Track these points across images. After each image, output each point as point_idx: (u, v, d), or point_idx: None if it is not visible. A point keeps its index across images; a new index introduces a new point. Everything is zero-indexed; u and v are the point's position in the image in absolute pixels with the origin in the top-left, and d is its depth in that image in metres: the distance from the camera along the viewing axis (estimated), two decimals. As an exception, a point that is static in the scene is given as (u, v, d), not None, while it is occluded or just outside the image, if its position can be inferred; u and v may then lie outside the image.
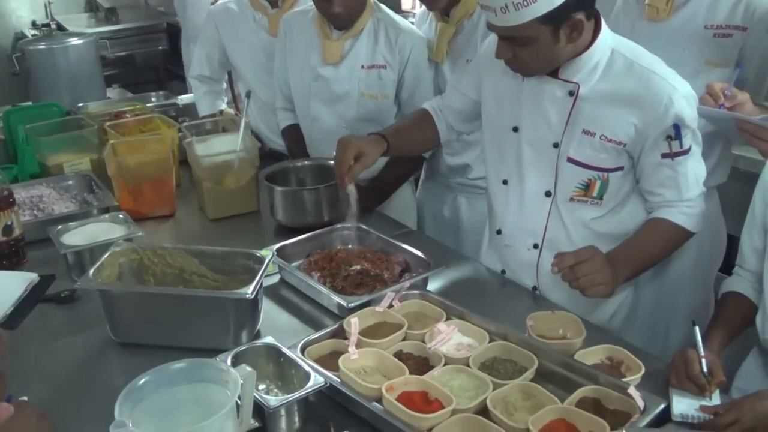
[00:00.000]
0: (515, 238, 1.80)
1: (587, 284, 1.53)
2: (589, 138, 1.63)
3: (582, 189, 1.68)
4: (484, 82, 1.83)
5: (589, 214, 1.70)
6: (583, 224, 1.71)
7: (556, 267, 1.54)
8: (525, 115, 1.70)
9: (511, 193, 1.79)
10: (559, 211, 1.72)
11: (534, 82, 1.67)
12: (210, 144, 2.30)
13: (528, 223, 1.77)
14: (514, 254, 1.82)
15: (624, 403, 1.29)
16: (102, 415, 1.14)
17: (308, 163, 2.31)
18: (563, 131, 1.65)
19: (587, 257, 1.54)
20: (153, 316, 1.55)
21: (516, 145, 1.74)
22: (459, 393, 1.32)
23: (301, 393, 1.28)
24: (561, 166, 1.68)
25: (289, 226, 2.11)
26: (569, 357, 1.41)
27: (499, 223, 1.84)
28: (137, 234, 1.89)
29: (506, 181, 1.79)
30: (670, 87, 1.57)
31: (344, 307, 1.60)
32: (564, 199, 1.70)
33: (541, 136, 1.68)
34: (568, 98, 1.63)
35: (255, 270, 1.58)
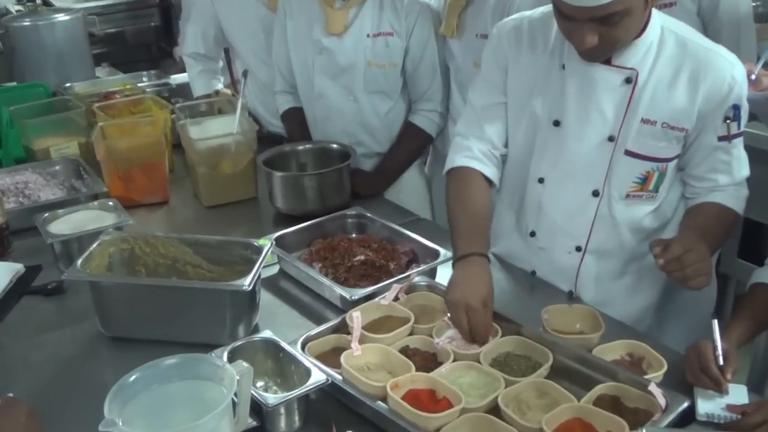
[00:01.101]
0: (553, 241, 1.74)
1: (694, 274, 1.43)
2: (650, 127, 1.58)
3: (639, 183, 1.63)
4: (508, 67, 1.73)
5: (644, 209, 1.66)
6: (636, 221, 1.67)
7: (660, 258, 1.43)
8: (571, 107, 1.63)
9: (549, 193, 1.71)
10: (611, 210, 1.66)
11: (581, 70, 1.60)
12: (205, 126, 2.30)
13: (570, 225, 1.70)
14: (551, 257, 1.76)
15: (645, 401, 1.29)
16: (91, 414, 1.15)
17: (310, 146, 2.31)
18: (621, 123, 1.60)
19: (692, 245, 1.44)
20: (145, 309, 1.55)
21: (557, 141, 1.67)
22: (468, 391, 1.32)
23: (302, 390, 1.28)
24: (616, 161, 1.62)
25: (289, 214, 2.11)
26: (586, 352, 1.41)
27: (533, 224, 1.77)
28: (128, 222, 1.90)
29: (542, 180, 1.72)
30: (730, 64, 1.54)
31: (347, 299, 1.60)
32: (619, 196, 1.65)
33: (594, 130, 1.62)
34: (625, 86, 1.58)
35: (253, 260, 1.58)
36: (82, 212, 1.97)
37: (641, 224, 1.68)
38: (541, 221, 1.75)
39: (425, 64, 2.30)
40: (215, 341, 1.45)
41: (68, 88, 3.03)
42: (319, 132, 2.45)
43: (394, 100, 2.36)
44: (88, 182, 2.25)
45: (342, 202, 2.13)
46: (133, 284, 1.59)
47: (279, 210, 2.15)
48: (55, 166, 2.33)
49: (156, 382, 1.18)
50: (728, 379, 1.31)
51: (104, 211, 1.97)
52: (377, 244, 1.85)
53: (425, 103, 2.36)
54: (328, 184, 2.10)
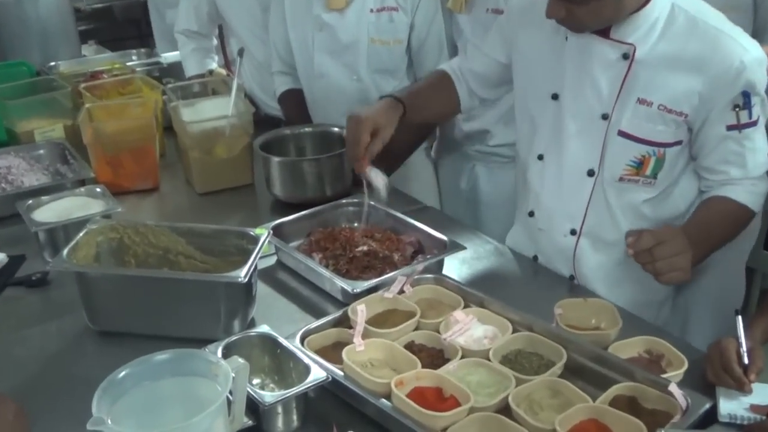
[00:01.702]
0: (550, 222, 1.78)
1: (665, 268, 1.48)
2: (645, 108, 1.60)
3: (634, 167, 1.65)
4: (516, 42, 1.79)
5: (641, 195, 1.68)
6: (633, 208, 1.69)
7: (631, 248, 1.49)
8: (568, 80, 1.67)
9: (548, 170, 1.76)
10: (605, 193, 1.69)
11: (580, 42, 1.63)
12: (198, 108, 2.30)
13: (566, 205, 1.74)
14: (549, 239, 1.80)
15: (664, 402, 1.29)
16: (78, 411, 1.15)
17: (309, 129, 2.31)
18: (615, 100, 1.62)
19: (667, 238, 1.49)
20: (134, 302, 1.56)
21: (555, 115, 1.71)
22: (477, 389, 1.33)
23: (300, 388, 1.29)
24: (610, 141, 1.64)
25: (288, 202, 2.12)
26: (602, 350, 1.41)
27: (533, 203, 1.82)
28: (116, 210, 1.90)
29: (542, 156, 1.76)
30: (741, 48, 1.53)
31: (349, 292, 1.61)
32: (612, 178, 1.67)
33: (588, 105, 1.65)
34: (621, 62, 1.59)
35: (249, 251, 1.58)
36: (67, 199, 1.97)
37: (640, 212, 1.69)
38: (540, 200, 1.80)
39: (431, 40, 2.30)
40: (209, 336, 1.45)
41: (53, 67, 3.03)
42: (320, 114, 2.45)
43: (399, 79, 2.36)
44: (75, 167, 2.25)
45: (343, 189, 2.13)
46: (122, 275, 1.59)
47: (277, 197, 2.15)
48: (40, 150, 2.33)
49: (147, 379, 1.18)
50: (752, 379, 1.31)
51: (91, 198, 1.98)
52: (381, 234, 1.85)
53: (432, 83, 2.35)
54: (329, 170, 2.10)
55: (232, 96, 2.25)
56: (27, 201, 1.93)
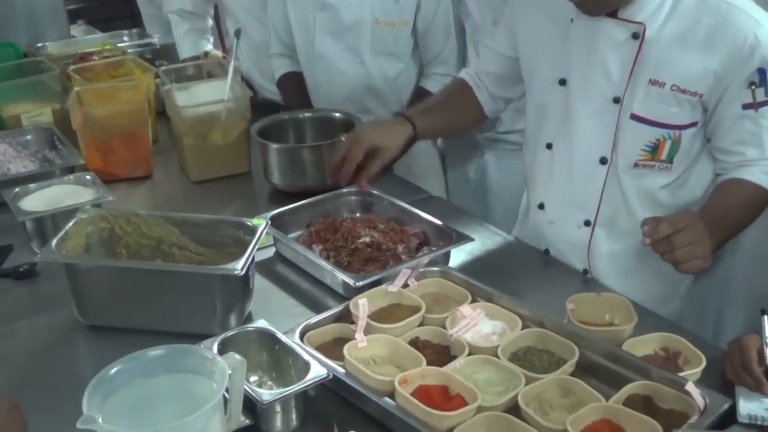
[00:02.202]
0: (561, 214, 1.79)
1: (685, 257, 1.47)
2: (658, 89, 1.60)
3: (649, 152, 1.65)
4: (519, 30, 1.80)
5: (657, 181, 1.68)
6: (649, 195, 1.70)
7: (648, 237, 1.49)
8: (575, 64, 1.67)
9: (557, 160, 1.76)
10: (619, 181, 1.69)
11: (587, 23, 1.63)
12: (193, 92, 2.30)
13: (578, 196, 1.75)
14: (561, 232, 1.80)
15: (681, 401, 1.29)
16: (67, 409, 1.16)
17: (309, 115, 2.31)
18: (626, 83, 1.62)
19: (685, 225, 1.48)
20: (126, 295, 1.56)
21: (563, 102, 1.71)
22: (485, 388, 1.33)
23: (300, 386, 1.29)
24: (623, 126, 1.65)
25: (286, 191, 2.12)
26: (616, 347, 1.41)
27: (542, 195, 1.83)
28: (107, 198, 1.90)
29: (550, 145, 1.77)
30: (755, 23, 1.53)
31: (350, 286, 1.61)
32: (626, 165, 1.67)
33: (598, 89, 1.65)
34: (631, 42, 1.59)
35: (246, 242, 1.59)
36: (56, 187, 1.97)
37: (657, 199, 1.69)
38: (550, 192, 1.80)
39: (438, 22, 2.29)
40: (204, 331, 1.46)
41: (40, 49, 3.03)
42: (321, 99, 2.45)
43: (405, 62, 2.36)
44: (63, 153, 2.25)
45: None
46: (113, 267, 1.59)
47: (275, 186, 2.15)
48: (27, 136, 2.33)
49: (139, 376, 1.18)
50: None
51: (81, 186, 1.98)
52: (384, 225, 1.85)
53: (438, 66, 2.36)
54: (331, 158, 2.10)
55: (228, 79, 2.25)
56: (14, 189, 1.94)
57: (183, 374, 1.20)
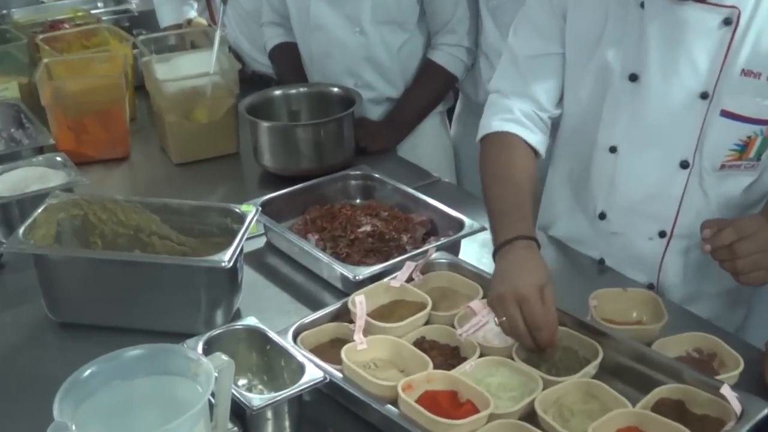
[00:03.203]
0: (629, 225, 1.73)
1: (748, 267, 1.45)
2: (753, 80, 1.55)
3: (738, 151, 1.61)
4: (571, 17, 1.70)
5: (742, 182, 1.65)
6: (731, 196, 1.66)
7: (708, 244, 1.46)
8: (653, 58, 1.60)
9: (625, 165, 1.69)
10: (702, 186, 1.65)
11: (664, 8, 1.56)
12: (175, 64, 2.30)
13: (652, 205, 1.69)
14: (627, 244, 1.75)
15: (715, 406, 1.29)
16: (36, 416, 1.16)
17: (304, 89, 2.31)
18: (717, 75, 1.57)
19: (751, 232, 1.44)
20: (101, 290, 1.56)
21: (635, 100, 1.64)
22: (499, 393, 1.33)
23: (293, 391, 1.29)
24: (711, 124, 1.60)
25: (279, 174, 2.12)
26: (645, 347, 1.41)
27: (603, 204, 1.76)
28: (80, 182, 1.90)
29: (615, 149, 1.69)
30: None
31: (350, 280, 1.61)
32: (713, 167, 1.63)
33: (682, 85, 1.59)
34: (723, 29, 1.54)
35: (233, 231, 1.59)
36: (23, 169, 1.97)
37: (737, 200, 1.66)
38: (614, 200, 1.73)
39: None
40: (188, 329, 1.46)
41: (6, 16, 3.02)
42: (317, 72, 2.44)
43: (409, 31, 2.35)
44: (31, 132, 2.25)
45: (344, 159, 2.13)
46: (86, 259, 1.60)
47: (266, 169, 2.15)
48: (-10, 113, 2.34)
49: (116, 378, 1.19)
50: None
51: (51, 169, 1.98)
52: (387, 212, 1.85)
53: (448, 35, 2.35)
54: (327, 137, 2.10)
55: (214, 50, 2.24)
56: (-24, 172, 1.94)
57: (164, 377, 1.20)
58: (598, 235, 1.80)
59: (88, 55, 2.47)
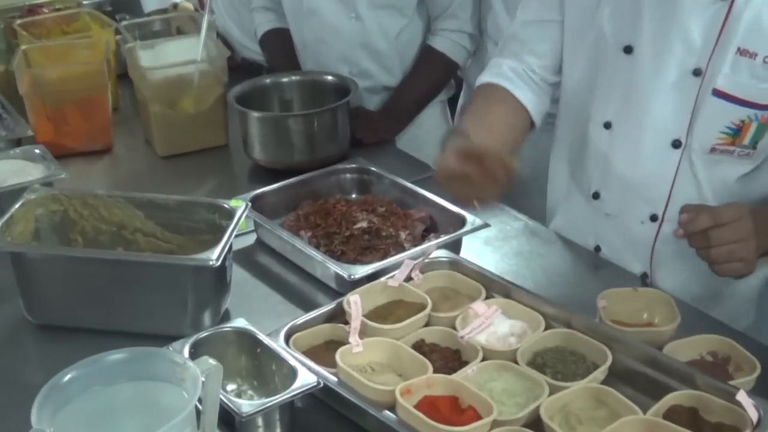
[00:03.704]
0: (623, 207, 1.76)
1: (722, 257, 1.49)
2: (748, 60, 1.56)
3: (730, 135, 1.62)
4: None
5: (736, 170, 1.66)
6: (725, 185, 1.67)
7: (682, 229, 1.50)
8: (647, 29, 1.62)
9: (618, 143, 1.72)
10: (692, 169, 1.67)
11: None
12: (160, 51, 2.30)
13: (644, 185, 1.71)
14: (620, 227, 1.77)
15: (731, 413, 1.29)
16: (13, 422, 1.16)
17: (297, 78, 2.31)
18: (711, 52, 1.58)
19: (729, 219, 1.48)
20: (82, 290, 1.56)
21: (629, 74, 1.67)
22: (502, 399, 1.34)
23: (285, 396, 1.30)
24: (703, 103, 1.61)
25: (270, 168, 2.12)
26: (656, 350, 1.41)
27: (597, 183, 1.79)
28: (60, 176, 1.90)
29: (609, 125, 1.73)
30: None
31: (345, 279, 1.61)
32: (702, 149, 1.64)
33: (675, 59, 1.61)
34: (719, 4, 1.55)
35: (222, 227, 1.59)
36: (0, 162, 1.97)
37: (733, 189, 1.67)
38: (608, 179, 1.76)
39: None
40: (173, 331, 1.46)
41: (-20, 0, 3.02)
42: (310, 59, 2.44)
43: (408, 17, 2.35)
44: (8, 123, 2.24)
45: (339, 151, 2.13)
46: (66, 257, 1.60)
47: (256, 162, 2.16)
48: (-35, 103, 2.34)
49: (98, 384, 1.19)
50: None
51: (29, 162, 1.98)
52: (385, 208, 1.85)
53: (449, 20, 2.35)
54: (321, 129, 2.10)
55: (201, 36, 2.24)
56: (-50, 165, 1.94)
57: (148, 382, 1.20)
58: (594, 218, 1.82)
59: (69, 41, 2.46)
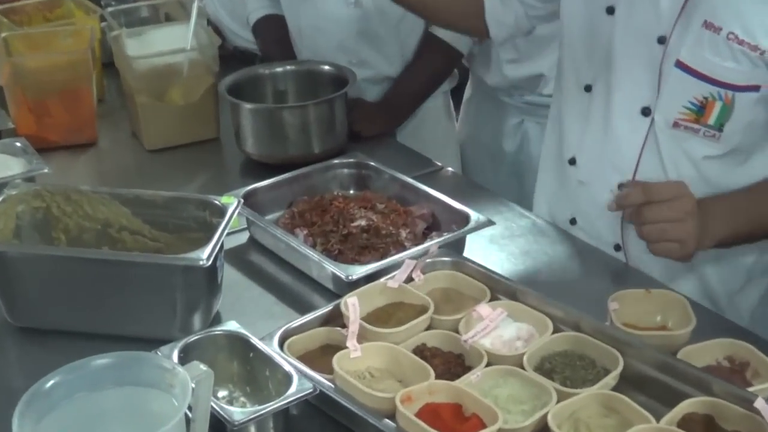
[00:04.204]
0: (595, 173, 1.82)
1: (653, 235, 1.56)
2: (711, 35, 1.60)
3: (693, 111, 1.66)
4: None
5: (700, 150, 1.69)
6: (691, 163, 1.71)
7: (615, 202, 1.57)
8: None
9: (595, 106, 1.79)
10: (657, 141, 1.71)
11: None
12: (147, 39, 2.30)
13: (614, 152, 1.77)
14: (591, 196, 1.83)
15: (748, 422, 1.30)
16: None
17: (292, 67, 2.31)
18: (675, 21, 1.63)
19: (666, 197, 1.55)
20: (65, 291, 1.56)
21: (608, 33, 1.73)
22: (508, 406, 1.34)
23: (279, 403, 1.30)
24: (666, 73, 1.66)
25: (263, 162, 2.12)
26: (670, 355, 1.42)
27: (574, 148, 1.86)
28: (42, 171, 1.90)
29: (589, 88, 1.80)
30: None
31: (342, 280, 1.61)
32: (665, 122, 1.69)
33: (643, 24, 1.67)
34: None
35: (213, 225, 1.59)
36: (-22, 157, 1.97)
37: (699, 168, 1.70)
38: (584, 144, 1.83)
39: None
40: (162, 335, 1.46)
41: (-42, -15, 3.01)
42: (306, 48, 2.44)
43: None
44: (-13, 115, 2.25)
45: (336, 145, 2.13)
46: (49, 256, 1.60)
47: (249, 156, 2.16)
48: (-59, 93, 2.33)
49: (82, 389, 1.19)
50: None
51: (9, 156, 1.97)
52: (384, 205, 1.85)
53: (452, 8, 2.34)
54: (318, 121, 2.10)
55: (191, 23, 2.24)
56: (-74, 159, 1.94)
57: (136, 388, 1.20)
58: (569, 187, 1.89)
59: (51, 28, 2.46)
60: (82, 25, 2.44)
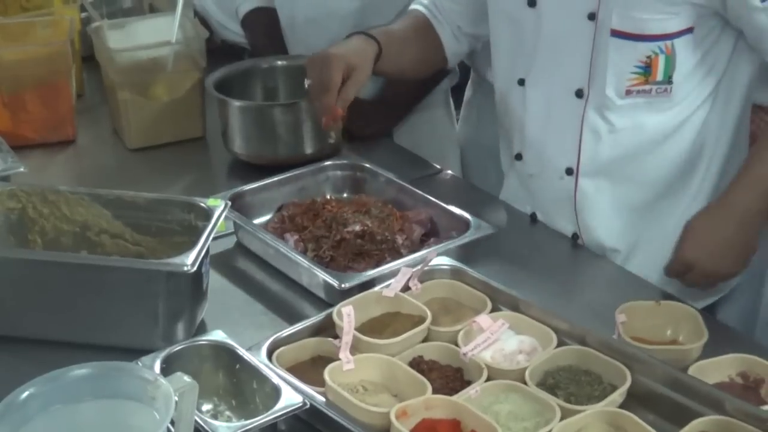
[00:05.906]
0: (541, 164, 1.91)
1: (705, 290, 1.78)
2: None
3: (641, 73, 1.74)
4: None
5: (656, 110, 1.77)
6: (649, 129, 1.79)
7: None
8: None
9: (530, 98, 1.89)
10: (605, 116, 1.79)
11: None
12: (130, 31, 2.30)
13: (556, 138, 1.86)
14: (543, 186, 1.92)
15: (762, 442, 1.30)
16: (-36, 445, 1.16)
17: (282, 63, 2.31)
18: None
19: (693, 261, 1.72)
20: (41, 297, 1.56)
21: (533, 26, 1.82)
22: (509, 423, 1.34)
23: (267, 418, 1.30)
24: (602, 46, 1.75)
25: (252, 163, 2.12)
26: (681, 371, 1.42)
27: (518, 144, 1.96)
28: (17, 170, 1.90)
29: (522, 81, 1.89)
30: None
31: (335, 288, 1.62)
32: (617, 94, 1.76)
33: (569, 5, 1.77)
34: None
35: (198, 229, 1.59)
36: (-50, 154, 1.97)
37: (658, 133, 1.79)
38: (525, 137, 1.93)
39: None
40: (143, 344, 1.46)
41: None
42: (298, 42, 2.44)
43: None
44: (-41, 111, 2.25)
45: (329, 146, 2.13)
46: (24, 260, 1.59)
47: (237, 156, 2.16)
48: None
49: (59, 402, 1.19)
50: None
51: (-18, 154, 1.98)
52: (380, 209, 1.85)
53: (453, 1, 2.35)
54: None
55: (176, 15, 2.24)
56: None
57: (115, 400, 1.20)
58: (523, 182, 1.98)
59: (28, 18, 2.46)
60: (60, 15, 2.43)
